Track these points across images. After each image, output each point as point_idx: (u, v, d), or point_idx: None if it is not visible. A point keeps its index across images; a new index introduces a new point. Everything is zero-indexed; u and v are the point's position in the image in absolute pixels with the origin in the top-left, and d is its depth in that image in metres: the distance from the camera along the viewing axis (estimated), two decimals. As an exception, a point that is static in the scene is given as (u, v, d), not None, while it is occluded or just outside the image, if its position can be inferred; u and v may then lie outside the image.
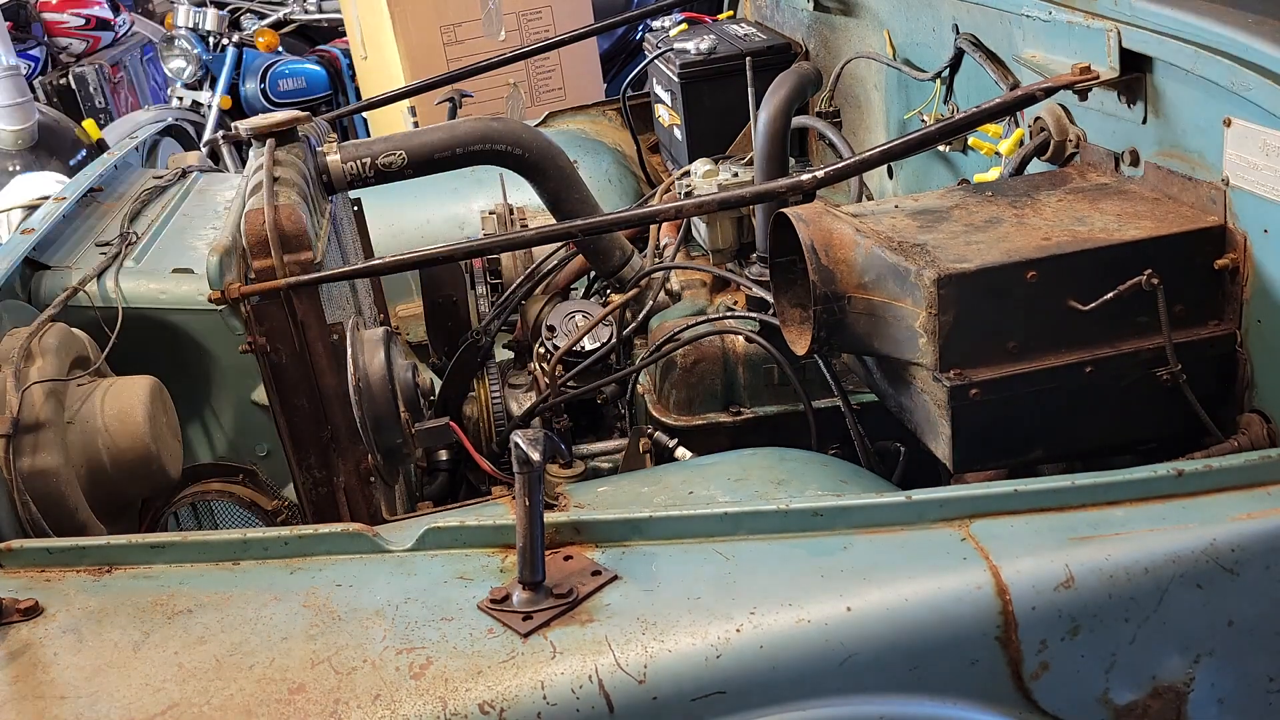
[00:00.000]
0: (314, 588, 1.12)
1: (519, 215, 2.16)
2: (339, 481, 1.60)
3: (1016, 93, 1.45)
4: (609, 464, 1.85)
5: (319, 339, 1.55)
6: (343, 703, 0.97)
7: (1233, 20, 1.29)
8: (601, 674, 0.98)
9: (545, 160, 1.81)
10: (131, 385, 1.60)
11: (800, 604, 1.03)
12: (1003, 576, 1.04)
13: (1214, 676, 1.09)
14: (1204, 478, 1.12)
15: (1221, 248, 1.30)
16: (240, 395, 1.96)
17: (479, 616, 1.05)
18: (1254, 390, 1.31)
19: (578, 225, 1.56)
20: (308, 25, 5.54)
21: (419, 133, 1.77)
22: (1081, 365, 1.30)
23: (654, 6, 2.78)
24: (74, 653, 1.06)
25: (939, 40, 1.90)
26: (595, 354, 1.86)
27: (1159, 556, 1.06)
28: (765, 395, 1.78)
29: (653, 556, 1.11)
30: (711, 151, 2.22)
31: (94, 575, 1.17)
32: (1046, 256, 1.28)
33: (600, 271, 1.96)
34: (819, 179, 1.43)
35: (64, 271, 1.93)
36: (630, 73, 2.67)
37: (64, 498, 1.47)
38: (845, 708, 1.02)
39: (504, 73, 3.94)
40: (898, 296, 1.31)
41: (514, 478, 1.05)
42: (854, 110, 2.30)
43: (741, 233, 2.00)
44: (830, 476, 1.39)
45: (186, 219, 2.16)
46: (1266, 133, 1.22)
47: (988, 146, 1.73)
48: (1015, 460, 1.39)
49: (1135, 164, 1.45)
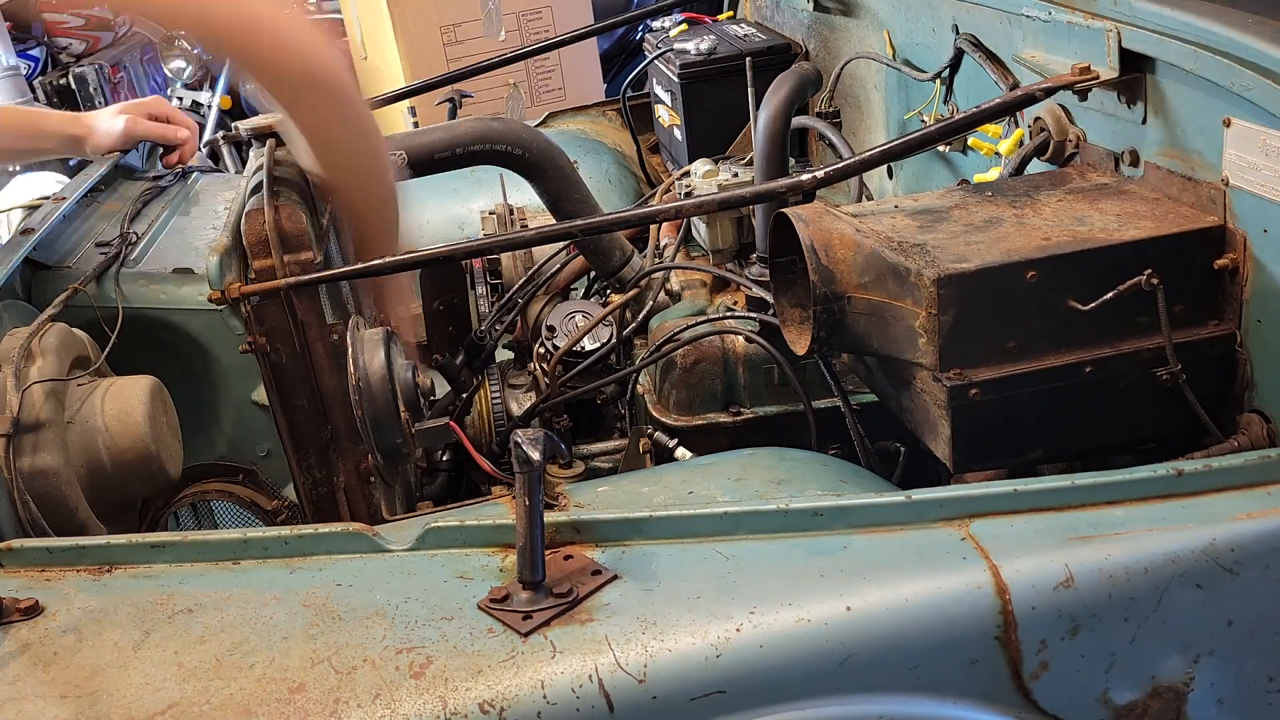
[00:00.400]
0: (314, 587, 1.12)
1: (519, 215, 2.16)
2: (339, 481, 1.60)
3: (1016, 93, 1.45)
4: (609, 464, 1.85)
5: (319, 339, 1.55)
6: (343, 702, 0.97)
7: (1233, 20, 1.29)
8: (601, 673, 0.99)
9: (545, 160, 1.81)
10: (132, 385, 1.60)
11: (800, 603, 1.03)
12: (1002, 576, 1.04)
13: (1214, 676, 1.09)
14: (1204, 478, 1.12)
15: (1221, 248, 1.30)
16: (240, 395, 1.96)
17: (479, 616, 1.05)
18: (1254, 390, 1.31)
19: (578, 225, 1.56)
20: (307, 25, 5.52)
21: (419, 133, 1.77)
22: (1081, 365, 1.30)
23: (654, 7, 2.78)
24: (74, 652, 1.06)
25: (939, 40, 1.90)
26: (595, 354, 1.86)
27: (1159, 556, 1.06)
28: (765, 395, 1.78)
29: (653, 556, 1.11)
30: (711, 152, 2.22)
31: (94, 575, 1.17)
32: (1046, 256, 1.28)
33: (600, 272, 1.96)
34: (819, 179, 1.43)
35: (64, 272, 1.93)
36: (630, 73, 2.67)
37: (64, 497, 1.47)
38: (845, 707, 1.02)
39: (504, 73, 3.94)
40: (898, 296, 1.31)
41: (514, 477, 1.06)
42: (854, 110, 2.30)
43: (741, 233, 2.01)
44: (830, 476, 1.39)
45: (186, 219, 2.16)
46: (1266, 133, 1.22)
47: (987, 147, 1.73)
48: (1015, 460, 1.39)
49: (1135, 164, 1.45)
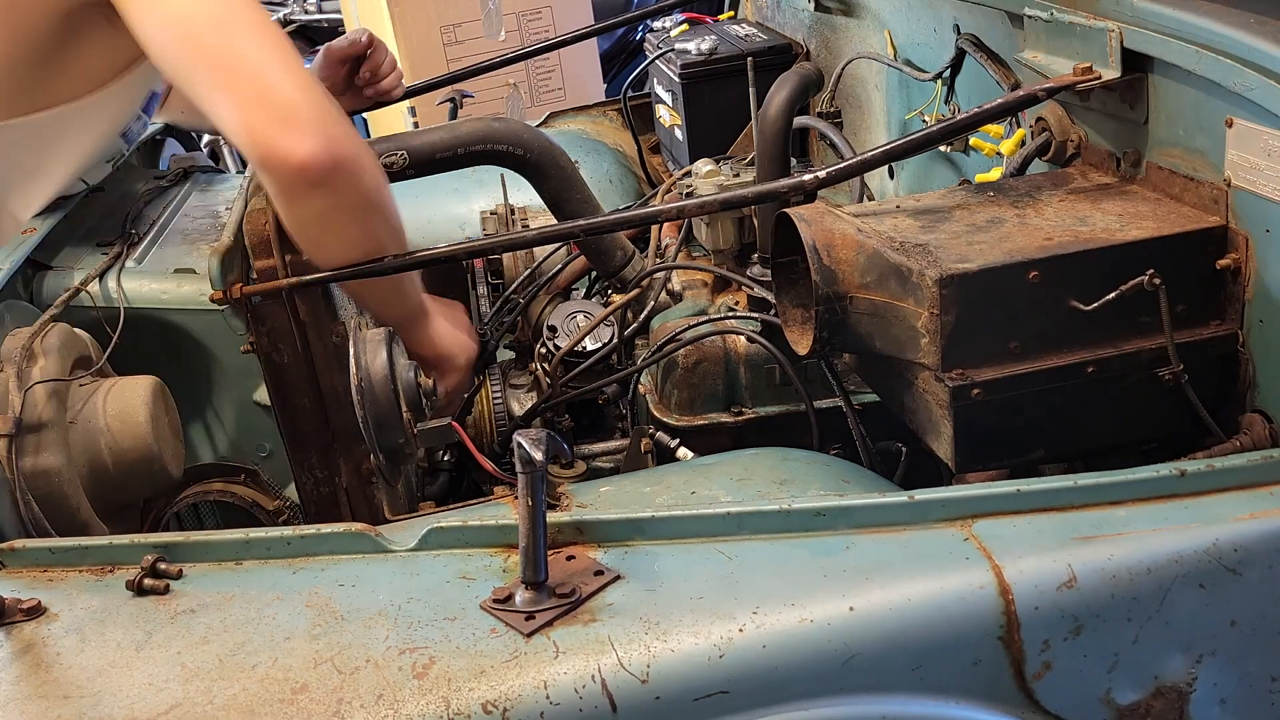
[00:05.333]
0: (316, 587, 1.12)
1: (520, 215, 2.16)
2: (340, 481, 1.60)
3: (1018, 93, 1.45)
4: (610, 464, 1.85)
5: (320, 339, 1.55)
6: (346, 703, 0.97)
7: (1234, 20, 1.29)
8: (604, 674, 0.99)
9: (547, 160, 1.81)
10: (134, 385, 1.60)
11: (803, 604, 1.03)
12: (1005, 576, 1.04)
13: (1216, 676, 1.09)
14: (1206, 478, 1.12)
15: (1223, 248, 1.30)
16: (242, 395, 1.96)
17: (482, 616, 1.05)
18: (1256, 390, 1.31)
19: (579, 225, 1.56)
20: (308, 25, 5.54)
21: (420, 133, 1.77)
22: (1083, 365, 1.30)
23: (654, 7, 2.77)
24: (77, 652, 1.06)
25: (940, 40, 1.90)
26: (597, 354, 1.86)
27: (1161, 556, 1.06)
28: (767, 395, 1.78)
29: (655, 556, 1.11)
30: (713, 152, 2.22)
31: (96, 575, 1.17)
32: (1048, 257, 1.28)
33: (602, 272, 1.96)
34: (821, 179, 1.43)
35: (66, 272, 1.93)
36: (631, 73, 2.66)
37: (66, 498, 1.47)
38: (848, 707, 1.02)
39: (504, 73, 3.93)
40: (900, 297, 1.31)
41: (516, 478, 1.06)
42: (855, 110, 2.30)
43: (743, 233, 2.00)
44: (832, 476, 1.39)
45: (188, 219, 2.16)
46: (1268, 133, 1.22)
47: (989, 147, 1.73)
48: (1017, 460, 1.39)
49: (1137, 164, 1.45)
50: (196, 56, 1.36)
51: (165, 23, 1.37)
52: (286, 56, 1.36)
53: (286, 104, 1.32)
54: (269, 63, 1.34)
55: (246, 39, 1.34)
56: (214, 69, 1.34)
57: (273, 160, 1.32)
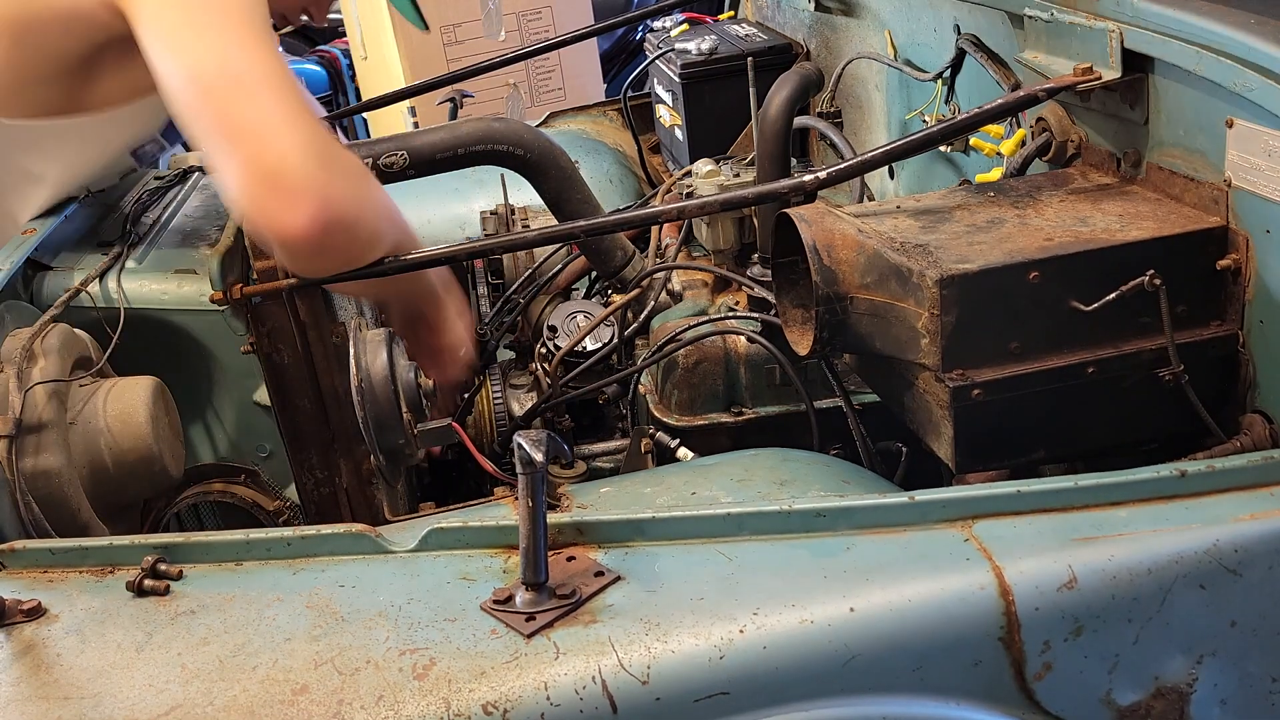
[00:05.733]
0: (317, 588, 1.12)
1: (520, 216, 2.16)
2: (341, 482, 1.60)
3: (1018, 93, 1.45)
4: (610, 464, 1.85)
5: (321, 339, 1.55)
6: (346, 704, 0.97)
7: (1235, 20, 1.29)
8: (605, 675, 0.99)
9: (547, 161, 1.81)
10: (134, 386, 1.60)
11: (803, 605, 1.03)
12: (1006, 577, 1.04)
13: (1217, 677, 1.09)
14: (1207, 478, 1.12)
15: (1224, 248, 1.30)
16: (242, 396, 1.96)
17: (482, 617, 1.05)
18: (1256, 391, 1.31)
19: (580, 226, 1.56)
20: (307, 25, 5.53)
21: (420, 133, 1.77)
22: (1084, 366, 1.30)
23: (654, 7, 2.77)
24: (77, 654, 1.06)
25: (940, 40, 1.90)
26: (597, 354, 1.86)
27: (1162, 557, 1.06)
28: (767, 396, 1.78)
29: (655, 557, 1.11)
30: (713, 152, 2.22)
31: (97, 576, 1.17)
32: (1049, 257, 1.28)
33: (602, 272, 1.96)
34: (821, 179, 1.43)
35: (66, 272, 1.93)
36: (631, 73, 2.66)
37: (66, 498, 1.47)
38: (848, 708, 1.02)
39: (504, 73, 3.94)
40: (900, 297, 1.31)
41: (516, 478, 1.06)
42: (855, 111, 2.30)
43: (743, 233, 2.00)
44: (833, 477, 1.39)
45: (188, 219, 2.15)
46: (1268, 133, 1.22)
47: (989, 147, 1.73)
48: (1017, 461, 1.39)
49: (1137, 165, 1.45)
50: (200, 113, 1.38)
51: (175, 71, 1.40)
52: (291, 111, 1.37)
53: (283, 171, 1.33)
54: (270, 121, 1.35)
55: (250, 96, 1.36)
56: (215, 130, 1.37)
57: (270, 231, 1.35)
